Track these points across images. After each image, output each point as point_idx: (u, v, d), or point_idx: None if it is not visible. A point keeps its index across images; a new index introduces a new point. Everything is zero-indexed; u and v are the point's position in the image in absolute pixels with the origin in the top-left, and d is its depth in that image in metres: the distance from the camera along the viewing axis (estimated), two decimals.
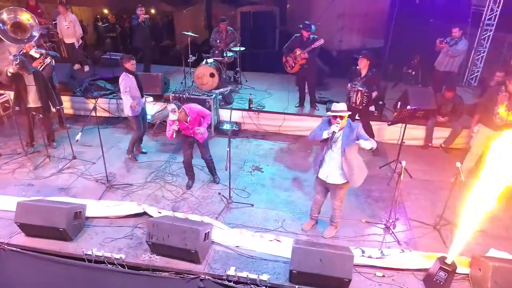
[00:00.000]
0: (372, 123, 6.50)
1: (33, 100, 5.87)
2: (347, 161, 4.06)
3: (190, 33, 7.97)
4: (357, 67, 6.10)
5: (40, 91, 5.85)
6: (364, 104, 5.99)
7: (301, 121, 7.17)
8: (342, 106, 4.02)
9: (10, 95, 6.80)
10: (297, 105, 7.48)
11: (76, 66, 9.19)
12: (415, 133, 6.89)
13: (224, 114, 7.34)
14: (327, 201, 4.62)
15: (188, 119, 5.03)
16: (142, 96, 6.01)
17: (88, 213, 4.80)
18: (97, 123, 5.60)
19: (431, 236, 4.71)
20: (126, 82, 5.63)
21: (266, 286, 3.91)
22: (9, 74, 5.54)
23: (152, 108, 7.44)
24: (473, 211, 3.74)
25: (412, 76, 7.97)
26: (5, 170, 5.80)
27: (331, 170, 4.19)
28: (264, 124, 7.29)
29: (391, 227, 4.74)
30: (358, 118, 6.31)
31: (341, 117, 3.95)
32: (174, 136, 4.96)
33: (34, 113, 5.77)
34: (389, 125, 5.68)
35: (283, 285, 3.93)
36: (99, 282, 4.21)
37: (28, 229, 4.36)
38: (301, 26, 6.73)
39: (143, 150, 6.42)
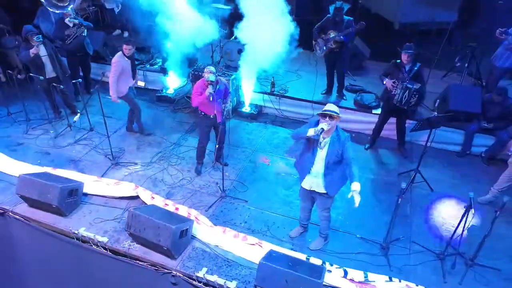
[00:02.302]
0: None
1: (49, 71, 6.08)
2: (330, 172, 3.75)
3: (221, 5, 7.58)
4: (398, 61, 5.41)
5: (52, 59, 6.03)
6: (411, 104, 5.36)
7: None
8: (334, 107, 3.60)
9: None
10: (324, 92, 6.92)
11: (116, 32, 9.37)
12: (452, 137, 6.05)
13: (245, 95, 7.03)
14: None
15: (218, 87, 4.96)
16: (134, 78, 5.96)
17: (87, 189, 5.02)
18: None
19: (431, 265, 4.21)
20: (119, 64, 5.52)
21: None
22: (31, 55, 5.72)
23: (175, 83, 7.42)
24: None
25: (466, 68, 6.87)
26: (31, 136, 6.22)
27: (314, 178, 3.86)
28: (285, 110, 6.90)
29: (386, 249, 4.30)
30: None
31: (331, 117, 3.52)
32: (211, 99, 4.81)
33: (54, 84, 6.00)
34: (411, 131, 5.02)
35: None
36: (85, 260, 4.44)
37: (29, 201, 4.68)
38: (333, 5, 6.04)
39: (135, 130, 6.42)
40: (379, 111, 6.35)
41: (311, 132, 3.57)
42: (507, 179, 4.85)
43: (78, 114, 5.01)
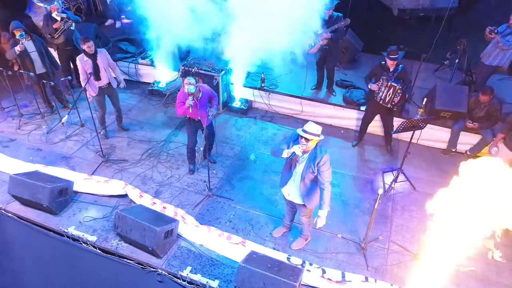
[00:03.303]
0: None
1: (39, 66, 6.11)
2: (306, 186, 3.86)
3: None
4: (383, 62, 5.49)
5: (41, 54, 6.06)
6: (394, 103, 5.44)
7: (315, 106, 6.70)
8: (314, 128, 3.62)
9: None
10: (314, 87, 6.94)
11: (109, 22, 9.32)
12: (438, 135, 6.12)
13: (235, 90, 7.06)
14: None
15: (200, 95, 4.99)
16: (99, 79, 5.70)
17: (78, 187, 5.15)
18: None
19: (407, 265, 4.37)
20: (81, 66, 5.48)
21: None
22: (17, 53, 5.76)
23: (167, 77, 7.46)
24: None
25: (456, 64, 6.84)
26: (23, 131, 6.32)
27: (292, 189, 4.01)
28: (275, 105, 6.95)
29: (364, 249, 4.46)
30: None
31: (307, 139, 3.61)
32: (190, 111, 4.90)
33: (44, 81, 6.06)
34: (393, 133, 5.09)
35: None
36: (75, 257, 4.61)
37: (21, 200, 4.83)
38: None
39: (124, 128, 6.45)
40: None
41: (285, 154, 3.70)
42: None
43: (66, 116, 5.09)
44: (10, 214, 4.83)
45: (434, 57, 7.49)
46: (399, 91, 5.28)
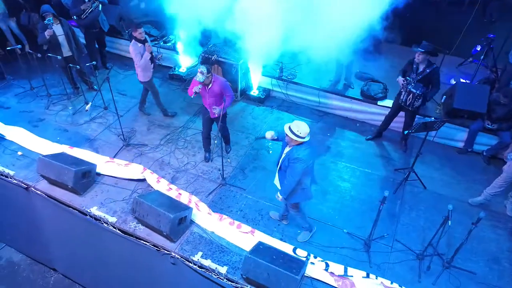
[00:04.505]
0: None
1: (65, 50, 6.35)
2: (282, 175, 4.19)
3: None
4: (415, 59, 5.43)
5: (68, 38, 6.28)
6: (413, 107, 5.45)
7: (332, 98, 6.72)
8: (296, 129, 3.83)
9: None
10: (332, 79, 6.93)
11: (134, 2, 9.41)
12: (455, 134, 6.07)
13: (254, 78, 7.13)
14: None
15: (210, 85, 5.09)
16: (153, 62, 6.10)
17: (100, 169, 5.47)
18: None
19: (409, 265, 4.50)
20: (136, 51, 5.70)
21: (222, 278, 4.29)
22: (47, 37, 5.99)
23: (188, 62, 7.59)
24: None
25: (482, 61, 6.64)
26: (51, 111, 6.66)
27: (277, 175, 4.39)
28: (292, 95, 7.00)
29: (369, 245, 4.61)
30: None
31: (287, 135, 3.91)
32: (192, 97, 5.12)
33: (71, 65, 6.31)
34: (406, 133, 5.10)
35: (237, 281, 4.26)
36: (96, 235, 4.98)
37: (48, 180, 5.19)
38: None
39: (145, 112, 6.72)
40: (384, 102, 6.38)
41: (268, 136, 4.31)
42: (499, 185, 4.95)
43: (90, 103, 5.36)
44: (39, 192, 5.21)
45: (462, 46, 7.18)
46: (418, 97, 5.25)
